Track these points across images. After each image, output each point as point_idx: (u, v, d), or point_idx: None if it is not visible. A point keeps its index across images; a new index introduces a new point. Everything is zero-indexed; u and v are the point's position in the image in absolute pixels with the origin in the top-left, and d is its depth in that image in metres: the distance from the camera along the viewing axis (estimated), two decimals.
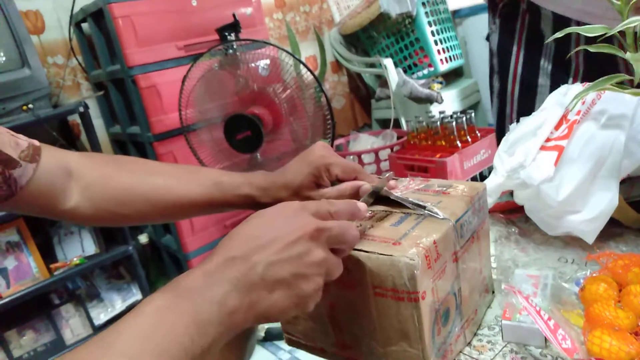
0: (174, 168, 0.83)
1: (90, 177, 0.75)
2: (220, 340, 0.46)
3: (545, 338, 0.61)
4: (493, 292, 0.75)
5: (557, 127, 0.85)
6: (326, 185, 0.75)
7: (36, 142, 0.72)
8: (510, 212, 1.00)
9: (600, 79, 0.78)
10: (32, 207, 0.73)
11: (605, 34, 0.75)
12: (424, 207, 0.62)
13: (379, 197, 0.69)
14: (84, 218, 0.77)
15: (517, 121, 0.99)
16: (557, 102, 0.88)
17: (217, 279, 0.46)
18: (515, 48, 1.26)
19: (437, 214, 0.60)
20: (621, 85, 0.77)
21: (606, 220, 0.78)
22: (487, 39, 1.42)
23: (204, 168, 0.83)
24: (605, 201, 0.78)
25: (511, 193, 0.99)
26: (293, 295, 0.49)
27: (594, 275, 0.69)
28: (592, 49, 0.78)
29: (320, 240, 0.50)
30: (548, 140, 0.84)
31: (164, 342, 0.41)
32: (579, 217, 0.79)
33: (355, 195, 0.72)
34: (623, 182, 0.81)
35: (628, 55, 0.76)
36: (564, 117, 0.85)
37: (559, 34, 0.90)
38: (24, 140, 0.70)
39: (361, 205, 0.58)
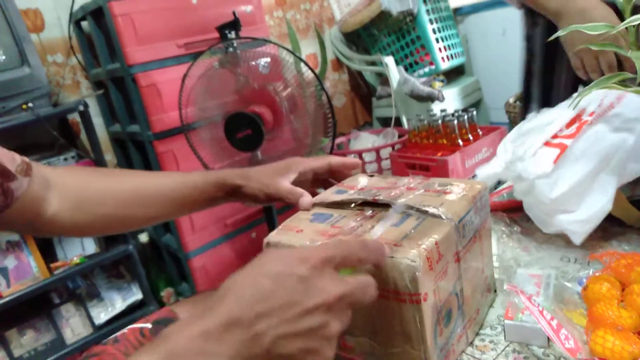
0: (146, 172, 0.87)
1: (68, 184, 0.78)
2: None
3: (548, 338, 0.61)
4: (495, 291, 0.75)
5: (568, 126, 0.85)
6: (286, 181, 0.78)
7: (26, 159, 0.75)
8: (512, 210, 1.00)
9: (603, 77, 0.77)
10: (17, 220, 0.74)
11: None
12: (425, 212, 0.61)
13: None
14: (64, 225, 0.78)
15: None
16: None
17: (214, 349, 0.41)
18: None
19: (440, 215, 0.60)
20: (623, 83, 0.77)
21: (597, 223, 0.78)
22: (527, 39, 1.40)
23: (174, 172, 0.86)
24: (599, 204, 0.77)
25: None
26: None
27: (597, 274, 0.69)
28: (595, 47, 0.77)
29: (340, 308, 0.45)
30: (555, 137, 0.84)
31: None
32: (571, 216, 0.79)
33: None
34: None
35: (631, 54, 0.76)
36: (577, 117, 0.85)
37: (561, 32, 0.89)
38: (17, 156, 0.73)
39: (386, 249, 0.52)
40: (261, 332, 0.41)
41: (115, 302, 2.00)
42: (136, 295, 2.03)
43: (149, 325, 0.81)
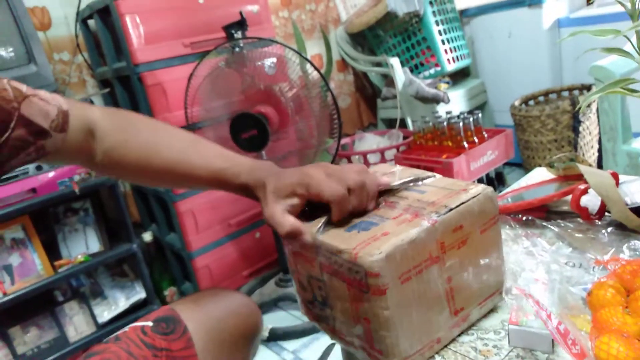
0: (185, 143, 0.84)
1: (110, 142, 0.80)
2: None
3: (553, 343, 0.61)
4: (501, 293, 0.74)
5: None
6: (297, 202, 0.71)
7: (64, 105, 0.75)
8: (517, 214, 1.00)
9: (609, 82, 0.77)
10: (65, 162, 0.82)
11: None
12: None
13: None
14: (107, 173, 0.86)
15: None
16: None
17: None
18: None
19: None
20: (629, 88, 0.77)
21: None
22: None
23: (211, 145, 0.84)
24: None
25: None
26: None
27: (602, 280, 0.68)
28: (604, 51, 0.77)
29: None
30: None
31: None
32: None
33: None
34: None
35: (637, 58, 0.76)
36: None
37: (568, 36, 0.89)
38: (53, 106, 0.73)
39: None
40: None
41: (119, 301, 2.00)
42: (139, 294, 2.03)
43: (150, 323, 0.82)
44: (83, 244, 1.95)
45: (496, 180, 2.54)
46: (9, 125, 0.67)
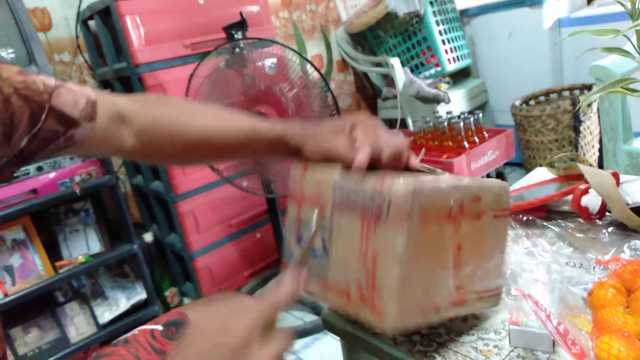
0: (219, 111, 0.84)
1: (141, 123, 0.80)
2: None
3: (553, 343, 0.61)
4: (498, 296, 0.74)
5: None
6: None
7: (92, 95, 0.75)
8: (518, 214, 1.00)
9: (610, 81, 0.77)
10: (93, 152, 0.83)
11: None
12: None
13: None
14: (140, 157, 0.84)
15: None
16: None
17: None
18: None
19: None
20: (629, 88, 0.77)
21: None
22: None
23: (241, 113, 0.84)
24: None
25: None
26: None
27: (603, 280, 0.69)
28: (604, 51, 0.77)
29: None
30: None
31: None
32: None
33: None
34: None
35: (638, 57, 0.76)
36: None
37: (568, 36, 0.89)
38: (82, 96, 0.73)
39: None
40: None
41: (120, 302, 2.00)
42: (140, 294, 2.03)
43: (160, 327, 0.81)
44: (84, 245, 1.95)
45: None
46: (40, 118, 0.67)
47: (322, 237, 0.66)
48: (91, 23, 2.19)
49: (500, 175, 2.58)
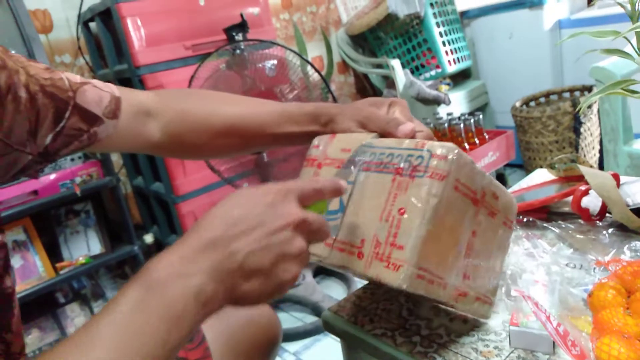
0: (246, 98, 0.84)
1: (169, 115, 0.79)
2: (196, 326, 0.46)
3: (554, 344, 0.61)
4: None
5: None
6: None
7: (116, 92, 0.75)
8: (518, 215, 1.00)
9: (610, 83, 0.77)
10: (117, 149, 0.80)
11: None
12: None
13: None
14: (167, 151, 0.83)
15: None
16: None
17: (193, 268, 0.45)
18: None
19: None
20: (629, 89, 0.77)
21: None
22: None
23: (271, 101, 0.82)
24: None
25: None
26: (270, 284, 0.48)
27: (603, 281, 0.68)
28: (604, 53, 0.77)
29: (302, 230, 0.50)
30: None
31: (141, 338, 0.42)
32: None
33: None
34: None
35: (638, 59, 0.76)
36: None
37: (568, 37, 0.89)
38: (106, 92, 0.73)
39: (342, 182, 0.58)
40: (234, 250, 0.46)
41: None
42: None
43: None
44: (84, 246, 1.96)
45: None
46: (64, 115, 0.68)
47: (340, 198, 0.66)
48: (92, 25, 2.19)
49: (500, 176, 2.58)
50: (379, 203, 0.60)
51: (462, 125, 2.21)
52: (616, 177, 0.91)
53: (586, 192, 0.90)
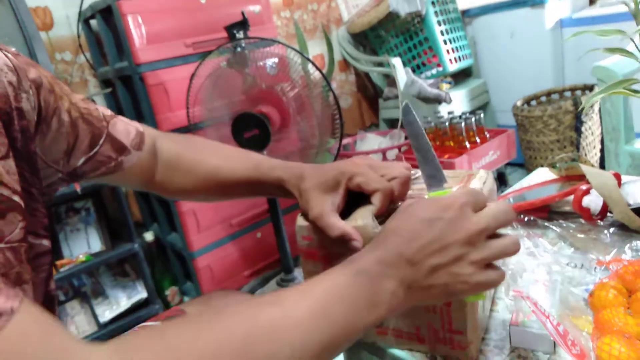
0: (229, 151, 0.89)
1: (167, 156, 0.86)
2: (380, 319, 0.52)
3: (554, 344, 0.61)
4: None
5: None
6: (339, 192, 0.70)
7: (140, 127, 0.82)
8: (519, 214, 1.00)
9: (613, 82, 0.77)
10: (132, 182, 0.85)
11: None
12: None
13: None
14: (166, 191, 0.89)
15: None
16: None
17: (390, 273, 0.52)
18: None
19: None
20: (631, 89, 0.77)
21: None
22: None
23: (253, 153, 0.88)
24: None
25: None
26: (447, 293, 0.54)
27: (604, 281, 0.68)
28: (607, 52, 0.77)
29: (479, 240, 0.54)
30: None
31: (348, 308, 0.50)
32: None
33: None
34: None
35: None
36: None
37: (572, 36, 0.89)
38: (132, 127, 0.81)
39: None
40: (422, 266, 0.52)
41: (120, 300, 2.01)
42: (141, 293, 2.04)
43: (159, 324, 0.81)
44: (85, 244, 1.96)
45: (498, 181, 2.55)
46: (98, 142, 0.74)
47: None
48: (93, 22, 2.19)
49: (501, 175, 2.58)
50: None
51: (463, 124, 2.21)
52: (617, 176, 0.91)
53: (587, 192, 0.90)
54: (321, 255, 0.70)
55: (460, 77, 3.18)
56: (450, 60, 2.79)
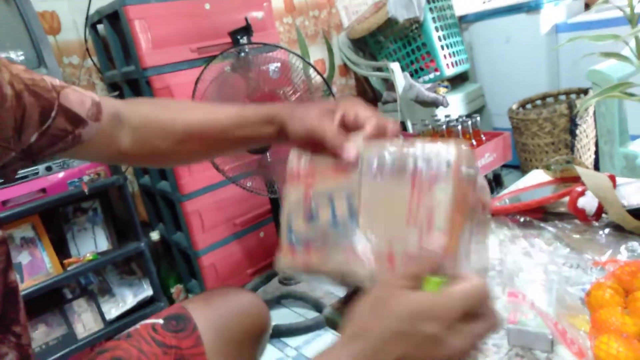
0: (208, 105, 0.85)
1: (136, 121, 0.80)
2: None
3: (552, 342, 0.62)
4: None
5: None
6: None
7: (95, 97, 0.77)
8: (515, 215, 1.01)
9: (608, 86, 0.81)
10: (93, 155, 0.80)
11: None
12: None
13: None
14: (134, 158, 0.83)
15: None
16: None
17: None
18: None
19: None
20: (627, 92, 0.80)
21: None
22: None
23: (230, 106, 0.83)
24: None
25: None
26: None
27: (601, 281, 0.69)
28: (602, 56, 0.81)
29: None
30: None
31: None
32: None
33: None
34: None
35: (637, 63, 0.79)
36: None
37: (567, 41, 0.93)
38: (87, 97, 0.75)
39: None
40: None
41: (126, 298, 2.03)
42: (147, 291, 2.06)
43: (161, 321, 0.84)
44: (92, 243, 1.98)
45: (494, 182, 2.58)
46: (50, 115, 0.69)
47: (347, 202, 0.65)
48: (100, 27, 2.21)
49: (497, 177, 2.62)
50: (401, 209, 0.60)
51: (459, 127, 2.25)
52: (612, 178, 0.92)
53: (582, 193, 0.91)
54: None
55: (457, 81, 3.21)
56: (447, 65, 2.82)
